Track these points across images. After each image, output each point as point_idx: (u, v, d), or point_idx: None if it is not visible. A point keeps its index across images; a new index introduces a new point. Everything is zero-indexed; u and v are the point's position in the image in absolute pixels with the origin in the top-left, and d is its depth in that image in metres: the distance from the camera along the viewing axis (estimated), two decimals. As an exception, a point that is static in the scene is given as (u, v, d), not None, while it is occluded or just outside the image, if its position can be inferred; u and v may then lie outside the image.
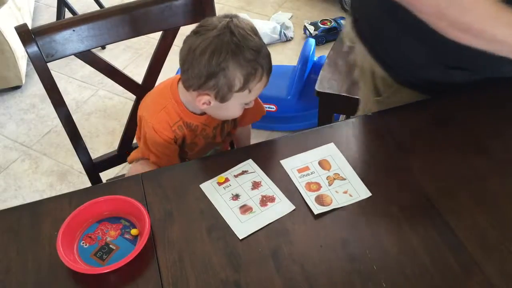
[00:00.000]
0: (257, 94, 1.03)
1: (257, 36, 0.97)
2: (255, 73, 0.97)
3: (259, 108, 1.22)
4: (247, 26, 0.97)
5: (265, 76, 1.00)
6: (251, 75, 0.96)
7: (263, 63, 0.97)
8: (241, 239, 0.84)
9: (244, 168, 0.97)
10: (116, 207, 0.90)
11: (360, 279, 0.78)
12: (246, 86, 0.98)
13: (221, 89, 0.98)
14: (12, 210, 0.93)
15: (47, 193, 2.00)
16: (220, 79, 0.96)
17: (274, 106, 2.15)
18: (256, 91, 1.02)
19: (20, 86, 2.50)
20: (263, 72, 0.98)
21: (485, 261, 0.79)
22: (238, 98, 1.01)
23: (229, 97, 0.99)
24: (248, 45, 0.94)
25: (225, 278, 0.79)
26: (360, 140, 1.01)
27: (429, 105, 1.09)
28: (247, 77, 0.96)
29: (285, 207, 0.89)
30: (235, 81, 0.96)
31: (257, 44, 0.96)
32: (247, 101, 1.04)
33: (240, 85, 0.97)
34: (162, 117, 1.07)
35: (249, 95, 1.01)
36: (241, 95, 1.00)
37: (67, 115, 1.18)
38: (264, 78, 1.00)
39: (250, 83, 0.98)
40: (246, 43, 0.94)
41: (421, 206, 0.88)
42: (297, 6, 3.04)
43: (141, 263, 0.82)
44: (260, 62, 0.96)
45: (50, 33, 1.08)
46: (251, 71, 0.96)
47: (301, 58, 2.11)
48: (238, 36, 0.94)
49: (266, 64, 0.98)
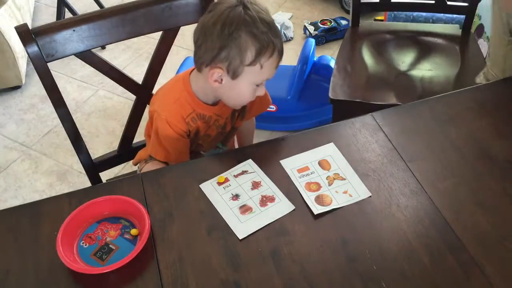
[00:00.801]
0: (268, 74, 1.01)
1: (270, 17, 0.98)
2: (267, 47, 0.95)
3: (266, 98, 1.21)
4: (261, 5, 0.98)
5: (276, 54, 0.98)
6: (263, 48, 0.95)
7: (276, 41, 0.97)
8: (241, 239, 0.84)
9: (244, 168, 0.97)
10: (116, 207, 0.90)
11: (360, 279, 0.78)
12: (257, 59, 0.96)
13: (233, 61, 0.96)
14: (12, 210, 0.93)
15: (47, 193, 2.00)
16: (232, 49, 0.95)
17: (274, 106, 2.15)
18: (268, 69, 1.00)
19: (20, 86, 2.50)
20: (274, 48, 0.97)
21: (485, 261, 0.79)
22: (250, 75, 0.99)
23: (241, 71, 0.98)
24: (262, 17, 0.95)
25: (225, 278, 0.79)
26: (359, 140, 1.01)
27: (429, 105, 1.09)
28: (260, 50, 0.95)
29: (285, 207, 0.89)
30: (247, 52, 0.95)
31: (271, 20, 0.96)
32: (258, 81, 1.02)
33: (252, 57, 0.96)
34: (175, 110, 1.06)
35: (261, 73, 0.99)
36: (253, 70, 0.98)
37: (67, 115, 1.18)
38: (275, 56, 0.98)
39: (261, 56, 0.96)
40: (260, 15, 0.95)
41: (421, 206, 0.88)
42: (297, 6, 3.04)
43: (141, 263, 0.82)
44: (273, 38, 0.96)
45: (50, 33, 1.08)
46: (263, 44, 0.95)
47: (301, 58, 2.11)
48: (251, 9, 0.94)
49: (278, 43, 0.97)
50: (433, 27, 1.88)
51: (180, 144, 1.09)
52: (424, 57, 1.74)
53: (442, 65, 1.69)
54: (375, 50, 1.80)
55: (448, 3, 1.74)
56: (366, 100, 1.56)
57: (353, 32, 1.88)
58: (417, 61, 1.73)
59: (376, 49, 1.80)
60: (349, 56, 1.78)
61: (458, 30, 1.82)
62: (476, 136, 1.00)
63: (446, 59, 1.71)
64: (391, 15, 2.48)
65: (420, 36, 1.83)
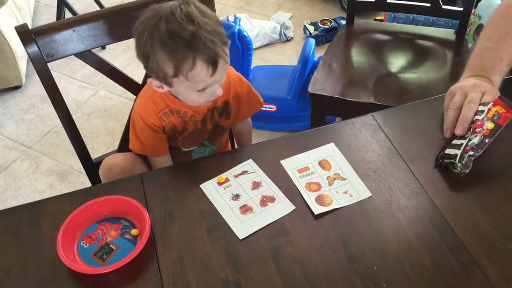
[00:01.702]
0: (205, 82, 0.97)
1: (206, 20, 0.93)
2: (185, 60, 0.92)
3: (255, 100, 1.21)
4: (194, 10, 0.93)
5: (202, 64, 0.93)
6: (181, 62, 0.92)
7: (197, 53, 0.91)
8: (241, 239, 0.84)
9: (245, 168, 0.97)
10: (116, 207, 0.90)
11: (360, 279, 0.78)
12: (178, 73, 0.94)
13: (158, 73, 0.97)
14: (12, 210, 0.93)
15: (47, 193, 2.00)
16: (154, 64, 0.95)
17: (274, 106, 2.15)
18: (199, 78, 0.95)
19: (20, 86, 2.50)
20: (194, 61, 0.92)
21: (485, 261, 0.79)
22: (182, 85, 0.98)
23: (170, 82, 0.97)
24: (177, 31, 0.91)
25: (225, 278, 0.79)
26: (360, 140, 1.01)
27: (430, 105, 1.09)
28: (177, 65, 0.93)
29: (285, 207, 0.89)
30: (165, 67, 0.94)
31: (190, 30, 0.91)
32: (197, 88, 0.98)
33: (172, 72, 0.94)
34: (148, 105, 1.08)
35: (193, 83, 0.96)
36: (181, 81, 0.96)
37: (67, 115, 1.18)
38: (200, 67, 0.93)
39: (182, 70, 0.93)
40: (182, 26, 0.91)
41: (421, 206, 0.88)
42: (297, 6, 3.04)
43: (141, 263, 0.82)
44: (190, 51, 0.91)
45: (50, 33, 1.08)
46: (178, 58, 0.92)
47: (301, 58, 2.11)
48: (170, 21, 0.91)
49: (203, 53, 0.92)
50: (428, 30, 1.87)
51: (155, 138, 1.11)
52: (412, 59, 1.73)
53: (429, 69, 1.68)
54: (364, 49, 1.80)
55: (443, 7, 1.74)
56: (343, 97, 1.57)
57: (347, 30, 1.88)
58: (405, 63, 1.73)
59: (366, 48, 1.80)
60: (337, 52, 1.79)
61: (452, 35, 1.81)
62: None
63: (434, 63, 1.70)
64: (391, 15, 2.48)
65: (413, 39, 1.82)
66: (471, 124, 0.93)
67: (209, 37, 0.92)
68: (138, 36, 0.96)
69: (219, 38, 0.94)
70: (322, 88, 1.61)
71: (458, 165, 0.90)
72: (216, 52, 0.93)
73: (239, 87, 1.16)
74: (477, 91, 0.96)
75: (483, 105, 0.94)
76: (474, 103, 0.94)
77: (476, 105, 0.94)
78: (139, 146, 1.13)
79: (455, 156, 0.91)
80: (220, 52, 0.94)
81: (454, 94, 0.98)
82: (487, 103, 0.94)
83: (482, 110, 0.94)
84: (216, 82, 0.99)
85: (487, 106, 0.94)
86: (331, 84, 1.63)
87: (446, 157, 0.92)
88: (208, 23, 0.93)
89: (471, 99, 0.95)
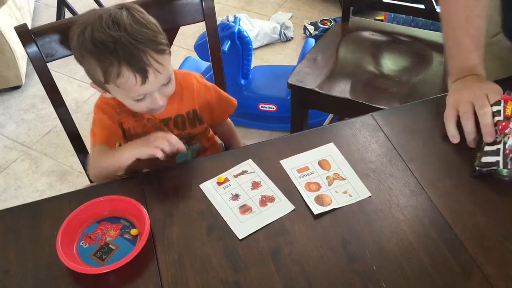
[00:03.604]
0: (137, 91, 0.95)
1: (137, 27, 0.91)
2: (111, 68, 0.90)
3: (227, 102, 1.21)
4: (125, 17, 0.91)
5: (128, 74, 0.91)
6: (107, 69, 0.91)
7: (122, 58, 0.89)
8: (240, 239, 0.84)
9: (244, 168, 0.97)
10: (116, 207, 0.90)
11: (360, 279, 0.78)
12: (108, 80, 0.93)
13: (92, 78, 0.96)
14: (12, 210, 0.93)
15: (47, 193, 2.00)
16: (86, 68, 0.95)
17: (274, 106, 2.15)
18: (129, 88, 0.93)
19: (20, 86, 2.50)
20: (119, 70, 0.90)
21: (485, 261, 0.79)
22: (115, 92, 0.97)
23: (104, 87, 0.97)
24: (101, 38, 0.89)
25: (225, 278, 0.79)
26: (359, 140, 1.01)
27: (429, 105, 1.09)
28: (105, 71, 0.91)
29: (284, 207, 0.89)
30: (96, 73, 0.93)
31: (114, 37, 0.89)
32: (131, 97, 0.97)
33: (102, 78, 0.93)
34: (106, 99, 1.07)
35: (124, 91, 0.95)
36: (113, 88, 0.95)
37: (67, 115, 1.18)
38: (127, 76, 0.91)
39: (110, 77, 0.92)
40: (100, 35, 0.89)
41: (421, 206, 0.88)
42: (297, 6, 3.04)
43: (141, 263, 0.82)
44: (117, 56, 0.89)
45: (50, 33, 1.08)
46: (106, 65, 0.90)
47: (301, 58, 2.11)
48: (95, 28, 0.90)
49: (130, 60, 0.90)
50: (421, 32, 1.84)
51: (110, 130, 1.08)
52: (399, 61, 1.72)
53: (412, 71, 1.66)
54: (353, 46, 1.80)
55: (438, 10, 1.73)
56: (320, 90, 1.58)
57: (341, 26, 1.88)
58: (391, 64, 1.71)
59: (355, 45, 1.79)
60: (324, 47, 1.79)
61: None
62: (476, 136, 1.00)
63: (420, 66, 1.68)
64: (390, 16, 2.48)
65: (404, 40, 1.81)
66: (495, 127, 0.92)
67: (135, 45, 0.89)
68: (70, 40, 0.95)
69: (151, 46, 0.91)
70: (302, 80, 1.63)
71: (504, 171, 0.88)
72: (143, 61, 0.90)
73: (207, 94, 1.16)
74: (481, 95, 0.95)
75: (495, 105, 0.93)
76: (486, 107, 0.93)
77: (489, 109, 0.93)
78: (92, 136, 1.08)
79: (497, 163, 0.88)
80: (149, 61, 0.91)
81: (457, 106, 0.96)
82: (498, 101, 0.93)
83: (497, 110, 0.92)
84: (153, 91, 0.97)
85: (500, 105, 0.92)
86: (312, 76, 1.64)
87: (486, 166, 0.89)
88: (138, 30, 0.91)
89: (481, 104, 0.93)
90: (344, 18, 1.88)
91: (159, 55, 0.93)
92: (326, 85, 1.61)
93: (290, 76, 1.64)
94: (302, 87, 1.61)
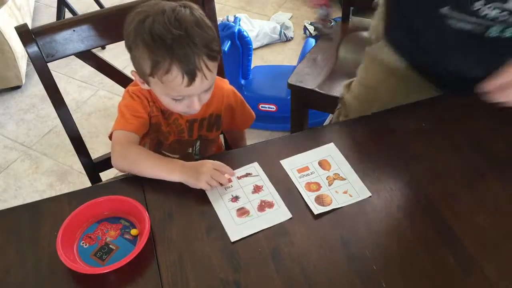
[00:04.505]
0: (178, 91, 0.95)
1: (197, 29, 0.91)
2: (163, 63, 0.90)
3: (248, 114, 1.22)
4: (189, 17, 0.91)
5: (176, 72, 0.91)
6: (157, 63, 0.90)
7: (176, 57, 0.89)
8: (232, 242, 0.84)
9: (249, 171, 0.96)
10: (116, 207, 0.90)
11: (360, 279, 0.78)
12: (154, 73, 0.92)
13: (138, 67, 0.96)
14: (12, 210, 0.93)
15: (47, 193, 2.00)
16: (135, 56, 0.94)
17: (274, 106, 2.15)
18: (172, 86, 0.93)
19: (20, 86, 2.50)
20: (170, 67, 0.90)
21: (485, 261, 0.79)
22: (157, 86, 0.97)
23: (147, 79, 0.97)
24: (160, 32, 0.89)
25: (225, 278, 0.79)
26: (360, 140, 1.01)
27: (429, 105, 1.09)
28: (154, 64, 0.91)
29: (282, 214, 0.89)
30: (144, 64, 0.93)
31: (174, 34, 0.89)
32: (170, 95, 0.97)
33: (149, 70, 0.93)
34: (140, 90, 1.06)
35: (165, 87, 0.95)
36: (156, 82, 0.95)
37: (67, 115, 1.18)
38: (174, 74, 0.91)
39: (157, 71, 0.91)
40: (160, 29, 0.89)
41: (421, 206, 0.88)
42: (297, 6, 3.04)
43: (141, 263, 0.82)
44: (170, 57, 0.89)
45: (50, 33, 1.08)
46: (157, 59, 0.90)
47: (301, 58, 2.11)
48: (156, 20, 0.90)
49: (184, 60, 0.90)
50: None
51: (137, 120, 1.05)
52: None
53: None
54: (353, 46, 1.79)
55: None
56: (320, 90, 1.58)
57: (341, 26, 1.88)
58: None
59: (355, 46, 1.79)
60: (324, 47, 1.79)
61: None
62: (476, 136, 1.00)
63: None
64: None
65: None
66: None
67: (192, 47, 0.90)
68: (126, 26, 0.94)
69: (206, 52, 0.91)
70: (301, 80, 1.63)
71: None
72: (195, 64, 0.90)
73: (233, 99, 1.16)
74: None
75: None
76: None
77: None
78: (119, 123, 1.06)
79: None
80: (200, 65, 0.91)
81: None
82: None
83: None
84: (193, 94, 0.97)
85: None
86: (312, 77, 1.65)
87: None
88: (197, 32, 0.90)
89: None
90: (344, 18, 1.88)
91: (211, 61, 0.94)
92: (326, 85, 1.61)
93: (290, 76, 1.64)
94: (302, 87, 1.61)
